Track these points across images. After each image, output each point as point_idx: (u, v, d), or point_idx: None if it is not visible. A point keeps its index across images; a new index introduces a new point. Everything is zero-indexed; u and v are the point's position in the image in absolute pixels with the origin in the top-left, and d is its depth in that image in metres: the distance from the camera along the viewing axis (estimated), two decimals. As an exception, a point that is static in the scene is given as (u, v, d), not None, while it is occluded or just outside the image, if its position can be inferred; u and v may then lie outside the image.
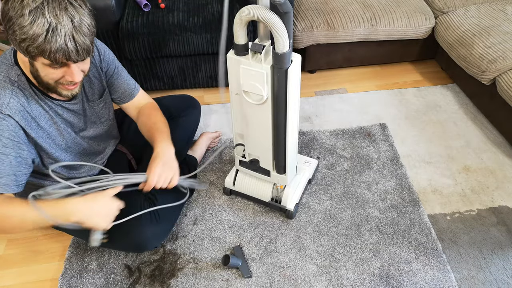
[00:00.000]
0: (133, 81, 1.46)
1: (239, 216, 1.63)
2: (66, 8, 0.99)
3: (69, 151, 1.31)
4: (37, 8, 0.97)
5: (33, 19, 0.97)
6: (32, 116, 1.15)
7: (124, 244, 1.41)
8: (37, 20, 0.97)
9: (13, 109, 1.10)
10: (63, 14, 0.99)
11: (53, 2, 0.98)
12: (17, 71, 1.13)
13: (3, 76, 1.12)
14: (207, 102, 2.18)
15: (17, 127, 1.11)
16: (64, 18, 0.99)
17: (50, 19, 0.97)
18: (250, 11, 1.14)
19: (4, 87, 1.10)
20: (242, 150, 1.54)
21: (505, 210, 1.65)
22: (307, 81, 2.33)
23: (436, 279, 1.43)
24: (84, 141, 1.36)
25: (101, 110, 1.40)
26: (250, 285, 1.42)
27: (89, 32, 1.04)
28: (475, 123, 2.04)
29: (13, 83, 1.12)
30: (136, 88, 1.47)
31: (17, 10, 0.97)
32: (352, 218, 1.62)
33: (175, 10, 2.07)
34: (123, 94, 1.44)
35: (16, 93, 1.11)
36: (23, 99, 1.13)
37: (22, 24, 0.97)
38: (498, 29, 2.02)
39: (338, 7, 2.21)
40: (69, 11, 1.00)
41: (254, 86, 1.27)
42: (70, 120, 1.28)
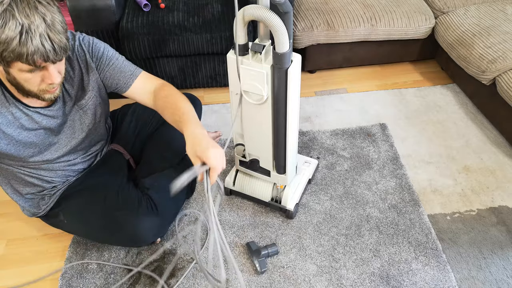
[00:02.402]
0: (130, 67, 1.32)
1: (239, 216, 1.63)
2: (36, 7, 0.95)
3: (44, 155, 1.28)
4: (6, 11, 0.93)
5: (3, 22, 0.92)
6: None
7: (122, 237, 1.42)
8: (8, 23, 0.92)
9: None
10: (34, 14, 0.95)
11: (21, 3, 0.94)
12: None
13: None
14: (207, 102, 2.18)
15: None
16: (36, 17, 0.95)
17: (22, 20, 0.93)
18: (250, 11, 1.14)
19: None
20: (242, 150, 1.54)
21: (505, 210, 1.65)
22: (307, 81, 2.33)
23: (436, 279, 1.43)
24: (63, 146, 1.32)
25: (84, 114, 1.33)
26: (250, 285, 1.42)
27: (63, 29, 1.00)
28: (475, 123, 2.04)
29: None
30: (134, 73, 1.32)
31: None
32: (352, 218, 1.62)
33: (175, 10, 2.07)
34: (118, 83, 1.32)
35: None
36: None
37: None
38: (498, 29, 2.02)
39: (338, 7, 2.21)
40: (40, 10, 0.96)
41: (254, 86, 1.27)
42: (48, 126, 1.23)
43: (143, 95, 1.34)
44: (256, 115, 1.38)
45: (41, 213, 1.42)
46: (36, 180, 1.34)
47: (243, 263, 1.48)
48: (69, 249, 1.53)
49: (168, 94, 1.29)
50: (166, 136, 1.57)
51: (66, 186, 1.41)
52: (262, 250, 1.46)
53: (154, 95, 1.33)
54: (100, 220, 1.38)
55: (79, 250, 1.52)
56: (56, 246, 1.55)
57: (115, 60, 1.30)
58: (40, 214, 1.43)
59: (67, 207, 1.40)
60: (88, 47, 1.26)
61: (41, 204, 1.39)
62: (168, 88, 1.32)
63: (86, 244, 1.53)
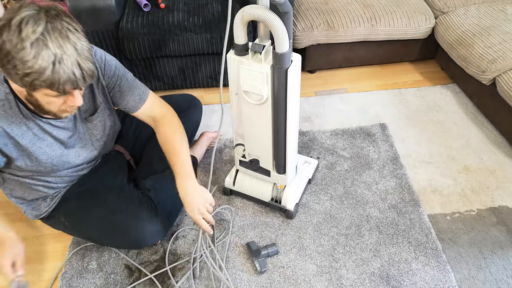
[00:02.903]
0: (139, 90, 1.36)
1: (239, 216, 1.63)
2: (68, 37, 0.95)
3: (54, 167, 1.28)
4: (39, 40, 0.92)
5: (36, 52, 0.92)
6: (10, 136, 1.13)
7: (123, 240, 1.42)
8: (41, 53, 0.92)
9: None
10: (66, 43, 0.95)
11: (54, 32, 0.94)
12: (6, 89, 1.09)
13: None
14: (207, 102, 2.18)
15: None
16: (68, 47, 0.95)
17: (55, 50, 0.93)
18: (250, 11, 1.14)
19: None
20: (242, 150, 1.54)
21: (505, 210, 1.65)
22: (307, 81, 2.33)
23: (436, 279, 1.43)
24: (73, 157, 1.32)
25: (94, 126, 1.33)
26: (250, 285, 1.42)
27: (90, 55, 1.01)
28: (475, 123, 2.04)
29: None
30: (142, 97, 1.36)
31: (16, 44, 0.91)
32: (352, 218, 1.62)
33: (175, 10, 2.07)
34: (127, 105, 1.35)
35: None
36: (3, 120, 1.10)
37: (25, 58, 0.91)
38: (498, 29, 2.02)
39: (338, 7, 2.21)
40: (71, 39, 0.96)
41: (254, 86, 1.27)
42: (60, 138, 1.24)
43: (147, 119, 1.41)
44: (256, 115, 1.38)
45: (42, 215, 1.42)
46: (42, 187, 1.34)
47: (243, 263, 1.48)
48: (69, 249, 1.53)
49: (168, 133, 1.37)
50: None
51: (68, 187, 1.41)
52: (262, 250, 1.46)
53: (155, 123, 1.40)
54: (101, 223, 1.38)
55: (79, 250, 1.52)
56: (56, 246, 1.55)
57: (125, 81, 1.32)
58: (42, 216, 1.43)
59: (68, 209, 1.40)
60: (101, 64, 1.26)
61: (43, 206, 1.39)
62: (168, 122, 1.39)
63: (86, 244, 1.53)
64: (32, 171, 1.25)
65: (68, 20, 0.97)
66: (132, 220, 1.37)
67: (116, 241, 1.44)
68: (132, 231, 1.37)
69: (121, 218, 1.37)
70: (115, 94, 1.32)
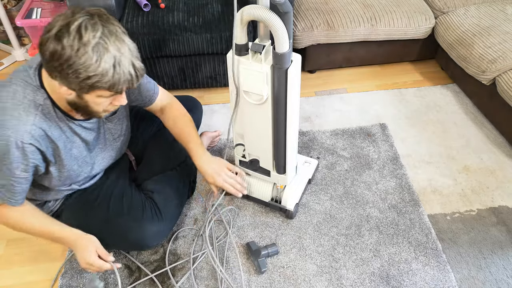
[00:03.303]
0: (151, 84, 1.42)
1: (239, 216, 1.63)
2: (123, 39, 1.00)
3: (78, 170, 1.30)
4: (99, 44, 0.96)
5: (99, 56, 0.96)
6: (51, 139, 1.16)
7: (126, 243, 1.42)
8: (103, 57, 0.96)
9: (34, 136, 1.10)
10: (123, 45, 0.99)
11: (111, 35, 0.98)
12: (43, 95, 1.12)
13: (29, 100, 1.10)
14: (207, 102, 2.18)
15: (37, 152, 1.12)
16: (125, 49, 1.00)
17: (115, 53, 0.97)
18: (250, 11, 1.14)
19: (28, 112, 1.09)
20: (242, 150, 1.54)
21: (505, 210, 1.65)
22: (307, 81, 2.33)
23: (436, 279, 1.43)
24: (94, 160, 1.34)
25: (114, 126, 1.37)
26: (250, 285, 1.42)
27: (139, 54, 1.05)
28: (475, 123, 2.04)
29: (37, 107, 1.11)
30: (155, 91, 1.43)
31: (78, 49, 0.95)
32: (352, 218, 1.62)
33: (175, 10, 2.07)
34: (143, 101, 1.42)
35: (39, 119, 1.11)
36: (45, 124, 1.13)
37: (87, 62, 0.95)
38: (498, 29, 2.02)
39: (338, 7, 2.21)
40: (125, 41, 1.01)
41: (254, 86, 1.27)
42: (86, 139, 1.27)
43: (156, 109, 1.48)
44: (256, 115, 1.38)
45: None
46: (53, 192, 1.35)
47: (243, 263, 1.48)
48: (69, 249, 1.53)
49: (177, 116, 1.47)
50: (169, 137, 1.57)
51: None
52: (262, 250, 1.46)
53: (163, 110, 1.48)
54: (104, 225, 1.38)
55: (79, 250, 1.52)
56: (56, 246, 1.55)
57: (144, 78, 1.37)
58: None
59: (71, 210, 1.40)
60: None
61: (45, 208, 1.39)
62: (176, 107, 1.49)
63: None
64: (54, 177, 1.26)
65: (117, 23, 1.02)
66: (135, 223, 1.36)
67: (119, 243, 1.44)
68: (135, 233, 1.36)
69: (124, 221, 1.37)
70: (133, 91, 1.37)
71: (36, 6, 2.27)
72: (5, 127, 1.06)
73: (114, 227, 1.36)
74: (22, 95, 1.10)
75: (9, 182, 1.13)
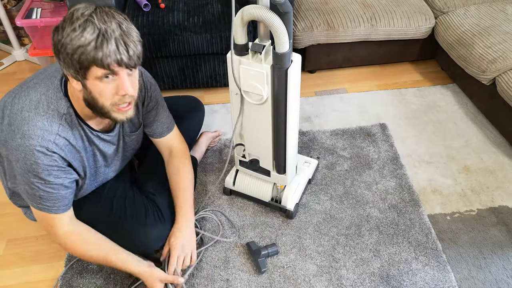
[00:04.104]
0: (169, 119, 1.45)
1: (239, 216, 1.63)
2: (113, 16, 1.00)
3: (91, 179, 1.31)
4: (86, 20, 0.98)
5: (83, 28, 0.97)
6: (76, 149, 1.17)
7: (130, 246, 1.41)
8: (86, 28, 0.97)
9: (59, 145, 1.11)
10: (111, 21, 1.00)
11: (101, 12, 0.99)
12: (66, 103, 1.13)
13: (53, 108, 1.11)
14: (207, 102, 2.18)
15: (62, 160, 1.13)
16: (112, 23, 0.99)
17: (100, 25, 0.98)
18: (250, 11, 1.14)
19: (52, 121, 1.10)
20: (242, 150, 1.54)
21: (505, 210, 1.65)
22: (307, 81, 2.33)
23: (436, 279, 1.43)
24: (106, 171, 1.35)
25: (130, 141, 1.39)
26: (250, 285, 1.42)
27: (138, 39, 1.04)
28: (475, 123, 2.04)
29: (61, 116, 1.12)
30: (169, 127, 1.45)
31: (67, 29, 0.97)
32: (352, 218, 1.62)
33: (175, 10, 2.07)
34: (155, 130, 1.43)
35: (63, 127, 1.12)
36: (69, 133, 1.14)
37: (72, 36, 0.97)
38: (498, 29, 2.02)
39: (338, 7, 2.21)
40: (116, 18, 1.01)
41: (254, 86, 1.27)
42: (104, 151, 1.27)
43: (164, 148, 1.48)
44: (256, 115, 1.38)
45: None
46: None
47: (243, 263, 1.48)
48: (69, 249, 1.53)
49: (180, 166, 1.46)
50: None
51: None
52: (262, 250, 1.46)
53: (170, 154, 1.48)
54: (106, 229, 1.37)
55: (79, 250, 1.52)
56: (56, 246, 1.55)
57: (162, 106, 1.41)
58: None
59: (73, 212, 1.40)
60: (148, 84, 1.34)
61: None
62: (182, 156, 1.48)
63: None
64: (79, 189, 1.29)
65: (119, 11, 1.04)
66: (137, 226, 1.36)
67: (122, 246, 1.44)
68: (138, 237, 1.36)
69: (127, 224, 1.36)
70: (150, 116, 1.39)
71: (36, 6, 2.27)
72: (29, 137, 1.08)
73: (117, 230, 1.36)
74: (46, 104, 1.11)
75: (45, 190, 1.14)
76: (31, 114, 1.09)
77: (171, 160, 1.47)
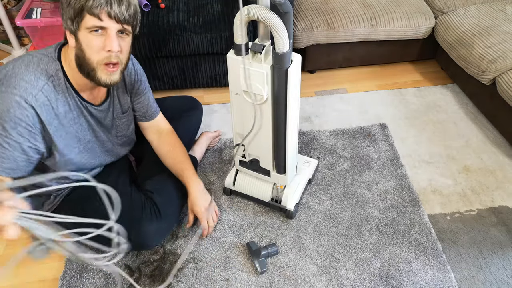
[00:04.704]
0: (155, 104, 1.50)
1: (239, 216, 1.63)
2: None
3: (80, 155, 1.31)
4: None
5: None
6: (56, 113, 1.16)
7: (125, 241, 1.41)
8: None
9: (38, 101, 1.11)
10: None
11: None
12: (56, 66, 1.16)
13: (42, 68, 1.14)
14: (207, 102, 2.18)
15: (36, 119, 1.12)
16: None
17: None
18: (250, 11, 1.14)
19: (39, 78, 1.12)
20: (242, 150, 1.54)
21: (505, 210, 1.66)
22: (307, 81, 2.33)
23: (436, 279, 1.43)
24: (96, 149, 1.36)
25: (121, 125, 1.41)
26: (250, 285, 1.42)
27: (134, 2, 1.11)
28: (475, 123, 2.04)
29: (48, 77, 1.14)
30: (157, 110, 1.51)
31: None
32: (352, 218, 1.62)
33: (175, 10, 2.07)
34: (144, 114, 1.47)
35: (48, 87, 1.13)
36: (52, 95, 1.14)
37: None
38: (498, 29, 2.02)
39: (338, 7, 2.21)
40: None
41: (254, 86, 1.27)
42: (91, 124, 1.29)
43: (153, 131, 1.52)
44: (256, 115, 1.38)
45: None
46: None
47: (243, 263, 1.48)
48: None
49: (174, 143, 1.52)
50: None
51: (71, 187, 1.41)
52: (262, 250, 1.46)
53: (160, 134, 1.52)
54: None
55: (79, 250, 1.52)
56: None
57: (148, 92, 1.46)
58: None
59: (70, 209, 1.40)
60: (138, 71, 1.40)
61: (46, 204, 1.39)
62: (173, 135, 1.54)
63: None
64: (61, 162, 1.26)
65: None
66: (134, 222, 1.36)
67: None
68: (135, 234, 1.36)
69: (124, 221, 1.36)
70: (141, 99, 1.43)
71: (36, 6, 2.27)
72: (13, 87, 1.09)
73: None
74: (37, 63, 1.14)
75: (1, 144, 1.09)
76: (21, 70, 1.12)
77: (163, 139, 1.51)
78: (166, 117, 1.55)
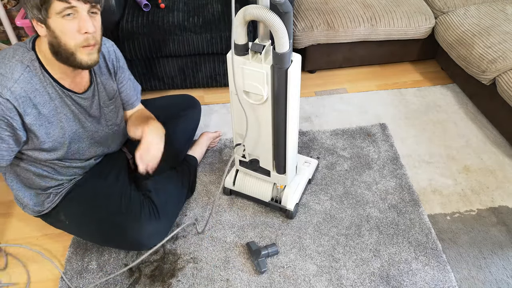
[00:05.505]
0: (136, 91, 1.51)
1: (239, 216, 1.63)
2: None
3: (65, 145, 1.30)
4: None
5: None
6: (34, 103, 1.16)
7: (123, 242, 1.42)
8: None
9: (14, 94, 1.11)
10: None
11: None
12: (32, 56, 1.15)
13: (17, 59, 1.14)
14: (207, 102, 2.18)
15: (14, 111, 1.12)
16: None
17: None
18: (250, 11, 1.14)
19: (14, 70, 1.12)
20: (242, 150, 1.54)
21: (505, 210, 1.66)
22: (307, 81, 2.33)
23: (436, 279, 1.43)
24: (85, 139, 1.35)
25: (109, 112, 1.40)
26: (250, 285, 1.42)
27: None
28: (475, 123, 2.04)
29: (24, 67, 1.14)
30: (138, 98, 1.52)
31: None
32: (352, 218, 1.62)
33: (175, 10, 2.07)
34: (126, 102, 1.48)
35: (24, 78, 1.13)
36: (29, 85, 1.14)
37: None
38: (498, 29, 2.02)
39: (338, 7, 2.21)
40: None
41: (254, 86, 1.27)
42: (76, 113, 1.28)
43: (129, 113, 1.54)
44: (256, 115, 1.38)
45: (44, 211, 1.42)
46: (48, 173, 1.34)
47: (243, 263, 1.48)
48: (69, 249, 1.53)
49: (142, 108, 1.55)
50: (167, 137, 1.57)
51: (72, 184, 1.41)
52: (262, 250, 1.46)
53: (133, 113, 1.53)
54: (102, 224, 1.38)
55: (79, 250, 1.52)
56: (56, 246, 1.55)
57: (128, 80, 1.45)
58: (43, 213, 1.42)
59: (70, 207, 1.40)
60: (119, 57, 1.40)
61: (46, 202, 1.39)
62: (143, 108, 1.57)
63: (86, 244, 1.53)
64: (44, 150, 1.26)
65: None
66: (132, 222, 1.37)
67: (117, 242, 1.44)
68: (133, 233, 1.37)
69: (122, 220, 1.37)
70: (123, 88, 1.44)
71: (36, 6, 2.27)
72: None
73: (112, 225, 1.36)
74: (12, 55, 1.14)
75: None
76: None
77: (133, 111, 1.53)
78: (165, 116, 1.55)
